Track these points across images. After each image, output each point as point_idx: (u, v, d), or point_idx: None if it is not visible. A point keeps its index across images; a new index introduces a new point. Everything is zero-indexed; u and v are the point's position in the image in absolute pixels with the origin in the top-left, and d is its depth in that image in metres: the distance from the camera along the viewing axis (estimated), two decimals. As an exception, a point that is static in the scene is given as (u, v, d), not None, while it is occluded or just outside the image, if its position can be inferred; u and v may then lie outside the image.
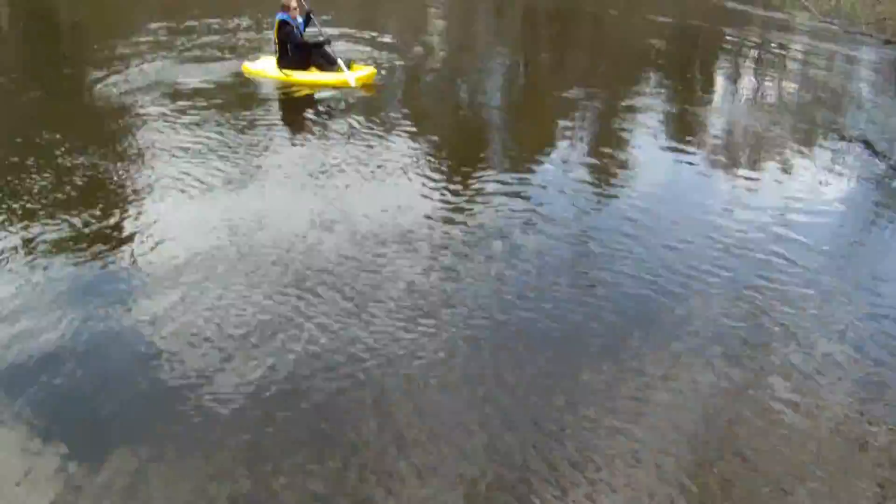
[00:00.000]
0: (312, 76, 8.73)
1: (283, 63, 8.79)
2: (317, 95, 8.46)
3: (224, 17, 12.85)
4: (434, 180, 6.01)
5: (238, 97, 8.25)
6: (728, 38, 13.81)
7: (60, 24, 14.99)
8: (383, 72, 9.20)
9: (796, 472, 3.20)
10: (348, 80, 8.44)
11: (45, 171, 5.92)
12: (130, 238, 4.90)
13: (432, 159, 6.48)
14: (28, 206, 5.31)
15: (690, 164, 6.87)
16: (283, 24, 8.65)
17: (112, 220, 5.16)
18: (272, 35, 8.88)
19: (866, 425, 3.52)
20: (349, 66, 8.65)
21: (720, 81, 10.92)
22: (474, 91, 8.92)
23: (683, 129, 7.88)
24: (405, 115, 7.69)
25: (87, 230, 4.99)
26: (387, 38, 11.35)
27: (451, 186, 5.93)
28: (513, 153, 6.84)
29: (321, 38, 8.74)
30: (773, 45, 14.09)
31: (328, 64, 8.72)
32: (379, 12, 15.52)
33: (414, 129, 7.20)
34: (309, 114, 8.04)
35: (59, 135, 6.74)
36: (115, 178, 5.89)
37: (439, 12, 15.62)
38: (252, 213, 5.25)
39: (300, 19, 8.82)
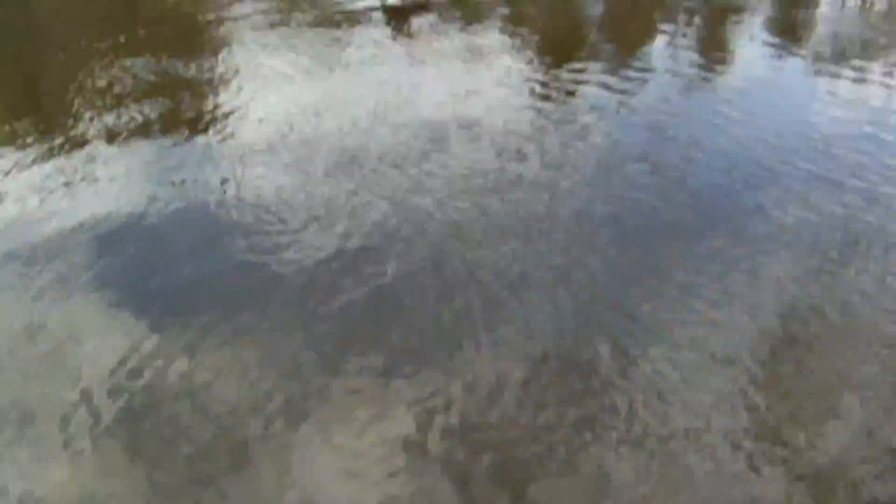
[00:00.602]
0: None
1: None
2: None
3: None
4: (516, 70, 5.80)
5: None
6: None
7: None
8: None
9: (866, 367, 3.02)
10: None
11: (109, 70, 6.14)
12: (208, 121, 5.07)
13: (517, 52, 6.26)
14: (95, 102, 5.53)
15: (789, 65, 6.43)
16: None
17: (189, 107, 5.37)
18: None
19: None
20: None
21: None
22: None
23: (786, 31, 7.37)
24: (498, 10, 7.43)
25: (165, 116, 5.21)
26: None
27: (533, 78, 5.69)
28: (604, 49, 6.52)
29: None
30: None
31: None
32: None
33: (506, 23, 6.99)
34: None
35: (122, 37, 6.98)
36: (190, 73, 6.07)
37: None
38: (321, 100, 5.29)
39: None
